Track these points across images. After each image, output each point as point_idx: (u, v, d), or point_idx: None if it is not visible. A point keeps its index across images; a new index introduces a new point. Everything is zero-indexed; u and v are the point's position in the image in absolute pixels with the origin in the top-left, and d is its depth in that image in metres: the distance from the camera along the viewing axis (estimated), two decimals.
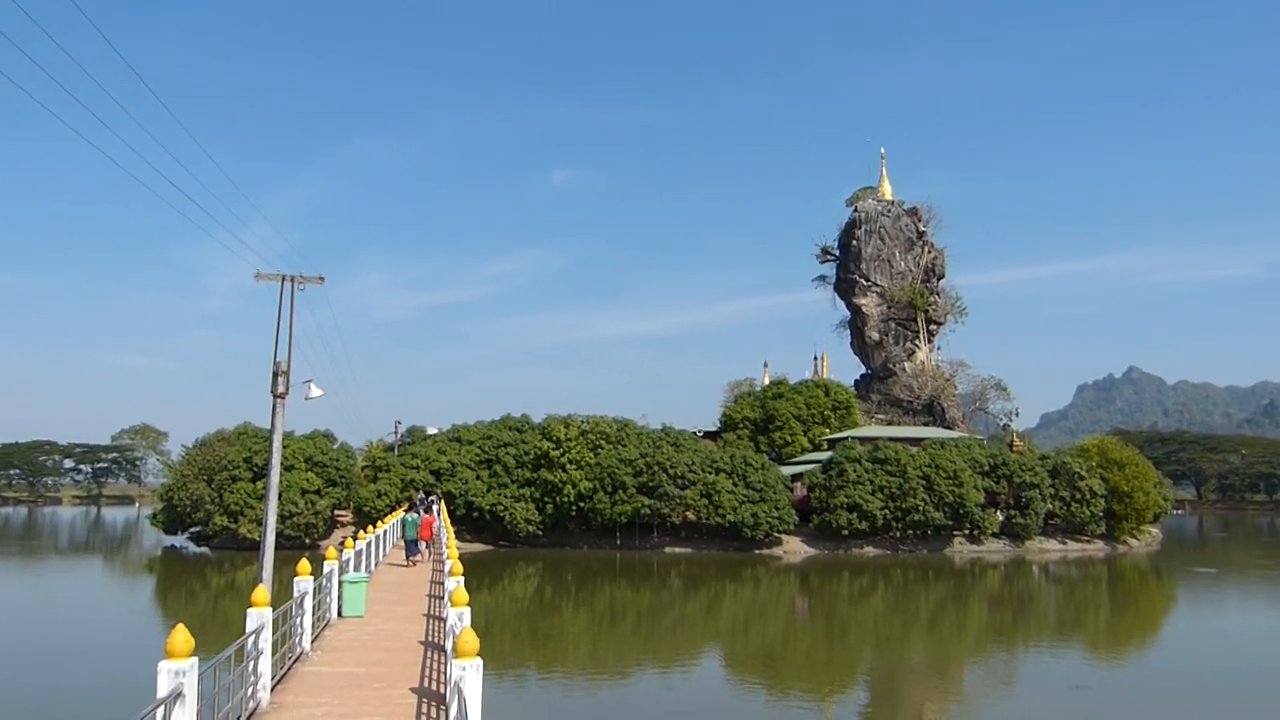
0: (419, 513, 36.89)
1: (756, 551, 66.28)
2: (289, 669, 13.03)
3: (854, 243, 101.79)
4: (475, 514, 69.16)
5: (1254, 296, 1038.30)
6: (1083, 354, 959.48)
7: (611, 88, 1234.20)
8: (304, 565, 14.63)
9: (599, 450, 69.67)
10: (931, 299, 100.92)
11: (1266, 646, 33.93)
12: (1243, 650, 32.86)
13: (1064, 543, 71.33)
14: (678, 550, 67.24)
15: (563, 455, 68.67)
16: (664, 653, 31.21)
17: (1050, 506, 70.33)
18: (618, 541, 68.65)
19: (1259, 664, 29.85)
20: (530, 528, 68.49)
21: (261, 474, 63.40)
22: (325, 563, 18.29)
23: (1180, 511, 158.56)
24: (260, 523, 40.70)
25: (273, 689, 11.53)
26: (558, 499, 67.95)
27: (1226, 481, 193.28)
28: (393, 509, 63.74)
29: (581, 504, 67.78)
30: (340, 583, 18.55)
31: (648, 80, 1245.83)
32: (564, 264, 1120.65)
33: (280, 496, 49.14)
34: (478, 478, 70.59)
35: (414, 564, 31.57)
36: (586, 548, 68.65)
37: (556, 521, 69.27)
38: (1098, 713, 22.98)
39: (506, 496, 69.03)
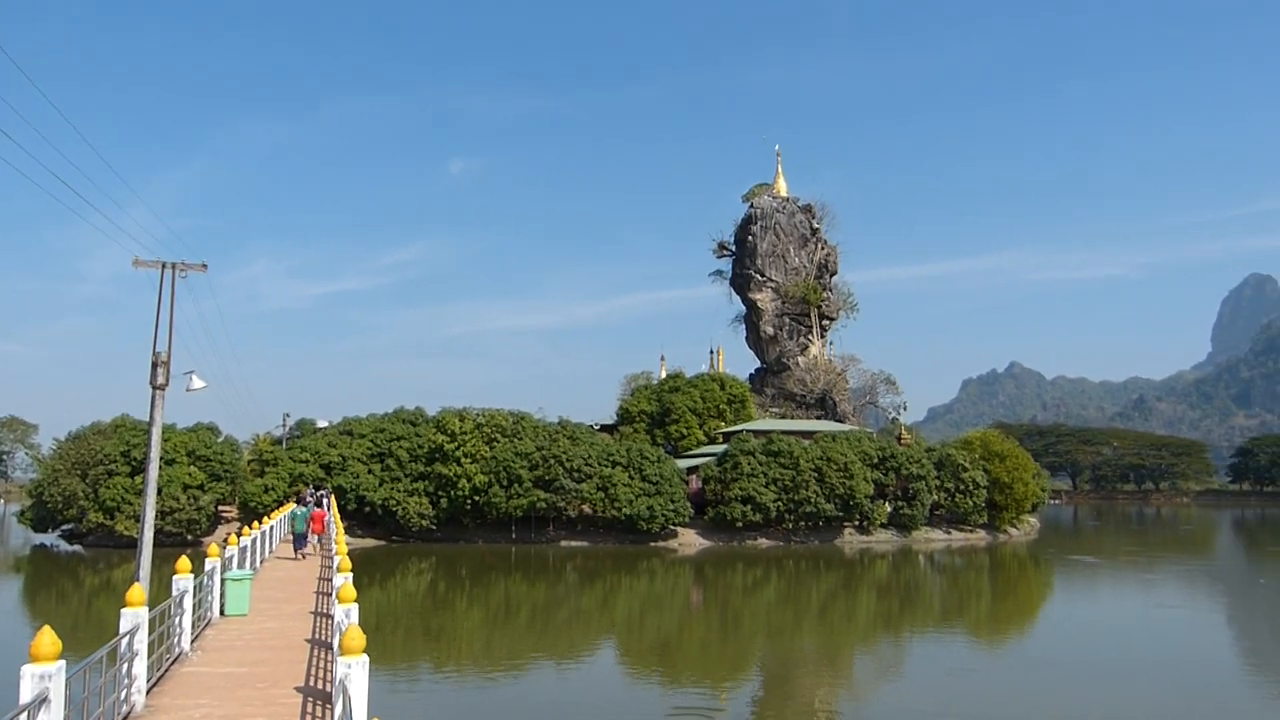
0: (309, 506, 36.00)
1: (652, 544, 66.69)
2: (166, 670, 12.51)
3: (750, 238, 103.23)
4: (367, 509, 67.77)
5: (1127, 296, 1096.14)
6: (968, 350, 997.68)
7: (514, 77, 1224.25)
8: (184, 562, 14.05)
9: (495, 443, 69.04)
10: (824, 295, 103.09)
11: (1135, 632, 35.69)
12: (1114, 635, 34.53)
13: (948, 532, 73.80)
14: (574, 543, 67.16)
15: (458, 449, 67.82)
16: (559, 647, 31.11)
17: (936, 497, 72.64)
18: (513, 535, 68.18)
19: (1129, 649, 31.39)
20: (424, 522, 67.45)
21: (140, 468, 60.77)
22: (207, 560, 17.64)
23: (1057, 501, 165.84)
24: (138, 519, 39.04)
25: (149, 691, 11.05)
26: (452, 493, 67.08)
27: (1099, 472, 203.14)
28: (280, 504, 61.93)
29: (476, 498, 67.08)
30: (223, 580, 17.93)
31: (551, 71, 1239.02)
32: (462, 255, 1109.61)
33: (160, 492, 47.21)
34: (370, 472, 69.16)
35: (303, 557, 30.81)
36: (481, 542, 67.99)
37: (451, 516, 68.39)
38: (977, 697, 23.81)
39: (399, 491, 67.82)
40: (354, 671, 7.82)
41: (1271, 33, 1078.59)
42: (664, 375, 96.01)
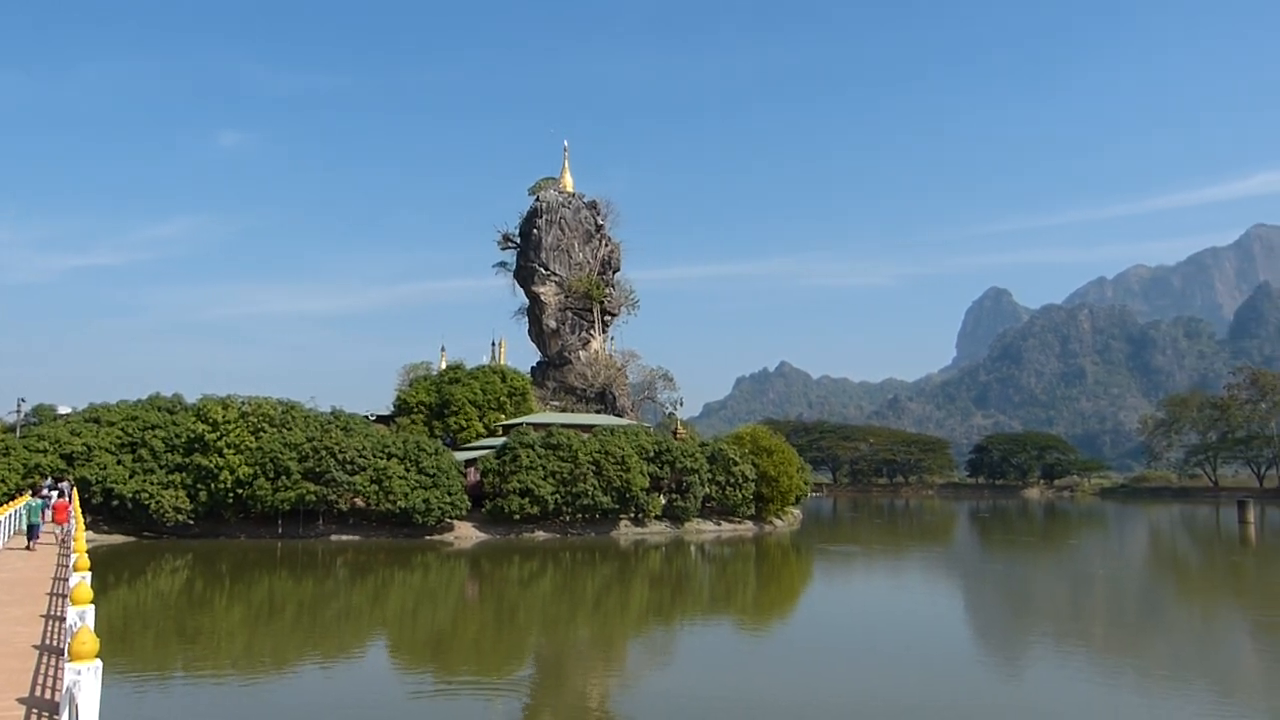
0: (46, 499, 33.31)
1: (427, 537, 65.36)
2: None
3: (535, 232, 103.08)
4: (115, 502, 62.57)
5: (885, 303, 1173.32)
6: (742, 349, 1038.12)
7: (295, 49, 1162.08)
8: None
9: (261, 434, 65.48)
10: (607, 291, 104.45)
11: (884, 616, 38.31)
12: (865, 619, 36.95)
13: (719, 524, 76.60)
14: (345, 538, 64.78)
15: (220, 439, 63.82)
16: (327, 645, 29.89)
17: (708, 490, 75.17)
18: (280, 530, 64.93)
19: (878, 631, 33.65)
20: (180, 517, 63.05)
21: None
22: None
23: (818, 494, 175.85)
24: None
25: None
26: (213, 485, 63.04)
27: (857, 467, 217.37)
28: (13, 497, 56.10)
29: (240, 490, 63.38)
30: None
31: (335, 47, 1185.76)
32: (231, 233, 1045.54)
33: None
34: (119, 462, 63.89)
35: (34, 548, 28.45)
36: (244, 537, 64.34)
37: (211, 510, 64.28)
38: (743, 681, 24.84)
39: (153, 483, 63.03)
40: (84, 678, 7.11)
41: (994, 70, 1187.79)
42: (444, 366, 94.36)
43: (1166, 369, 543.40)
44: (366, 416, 79.64)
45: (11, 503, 42.03)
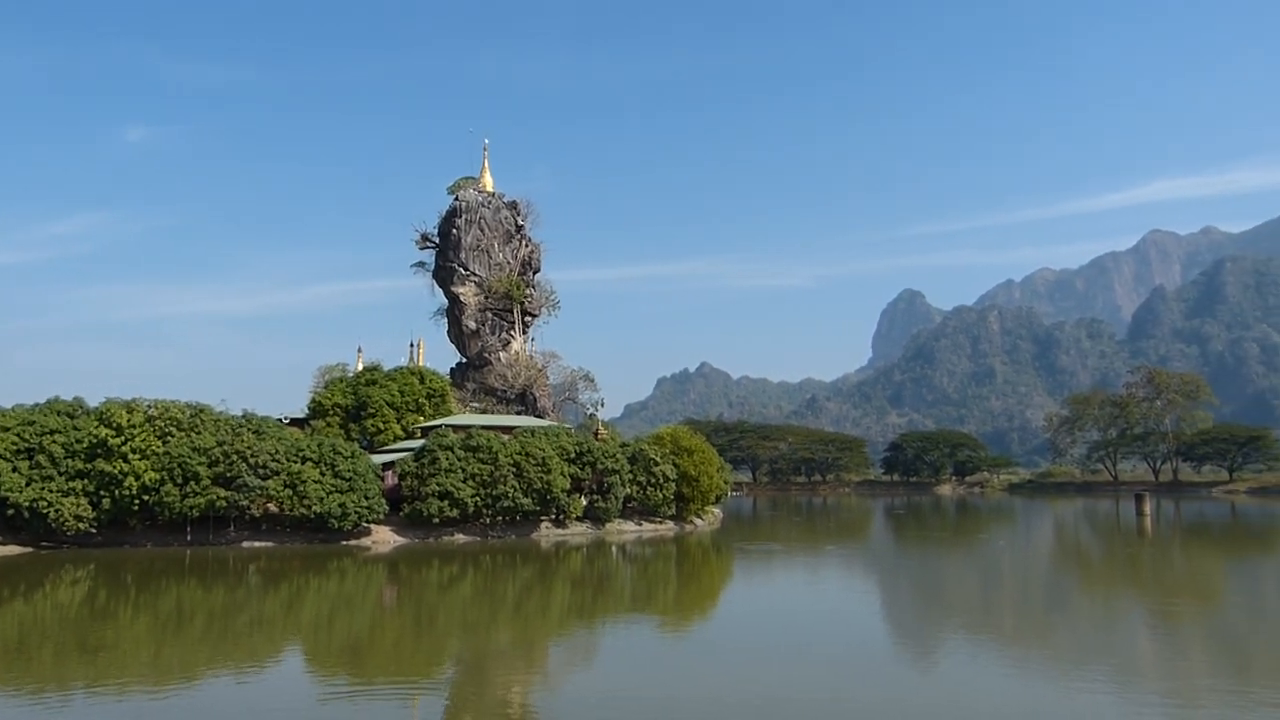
0: None
1: (344, 543, 64.16)
2: None
3: (454, 231, 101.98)
4: (10, 511, 60.00)
5: (803, 304, 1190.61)
6: (663, 350, 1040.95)
7: (204, 42, 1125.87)
8: None
9: (169, 438, 63.49)
10: (527, 291, 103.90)
11: (803, 612, 38.88)
12: (784, 617, 37.44)
13: (640, 524, 76.82)
14: (257, 544, 63.20)
15: (125, 444, 61.68)
16: (239, 654, 29.10)
17: (629, 490, 75.31)
18: (188, 538, 63.06)
19: (797, 628, 34.13)
20: (82, 525, 60.77)
21: None
22: None
23: (739, 493, 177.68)
24: None
25: None
26: (117, 492, 60.89)
27: (776, 465, 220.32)
28: None
29: (146, 497, 61.35)
30: None
31: (246, 39, 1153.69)
32: (137, 231, 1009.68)
33: None
34: (15, 470, 61.20)
35: None
36: (151, 545, 62.32)
37: (115, 517, 62.10)
38: (665, 680, 24.96)
39: (52, 490, 60.57)
40: None
41: (912, 81, 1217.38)
42: (361, 368, 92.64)
43: (1070, 368, 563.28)
44: (280, 420, 77.81)
45: None
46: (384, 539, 66.34)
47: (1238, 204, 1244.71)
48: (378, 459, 70.68)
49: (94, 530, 61.72)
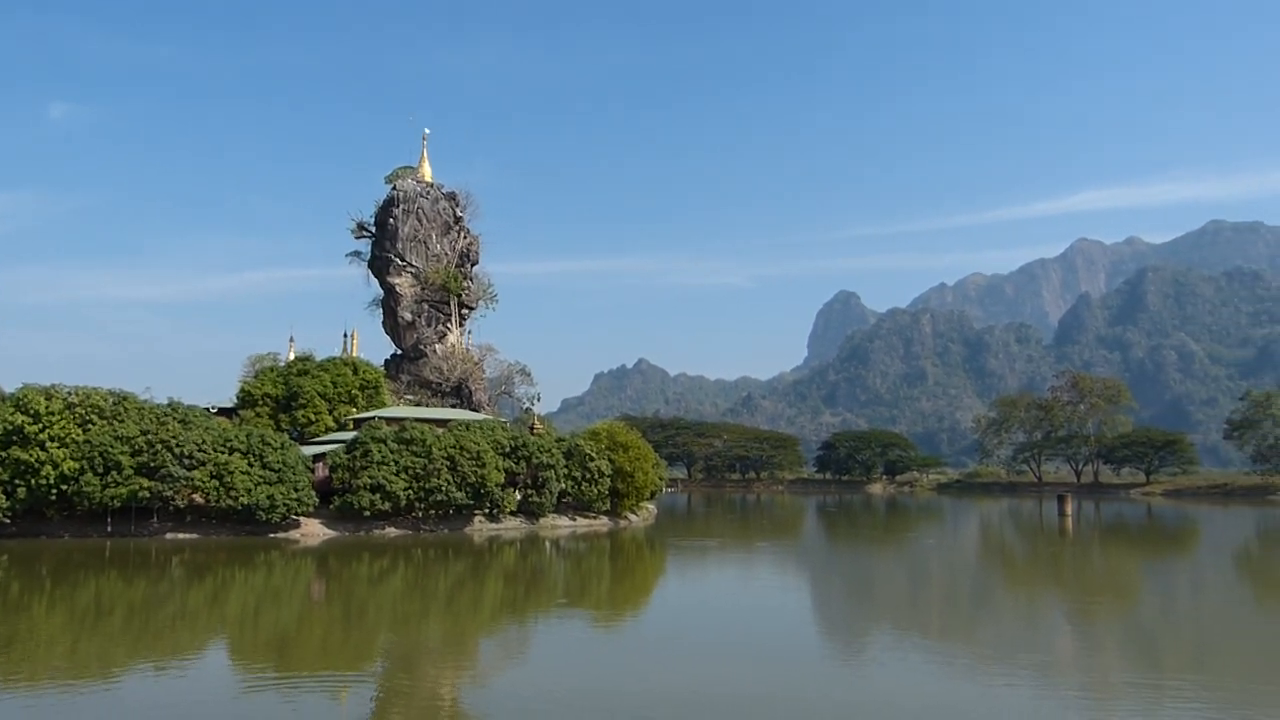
0: None
1: (272, 535, 62.96)
2: None
3: (391, 221, 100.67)
4: None
5: (740, 303, 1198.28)
6: (601, 345, 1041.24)
7: (136, 17, 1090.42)
8: None
9: (89, 426, 61.66)
10: (465, 284, 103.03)
11: (735, 609, 39.18)
12: (716, 613, 37.67)
13: (574, 519, 76.69)
14: (182, 536, 61.70)
15: (42, 431, 59.71)
16: (160, 648, 28.39)
17: (564, 485, 75.10)
18: (109, 529, 61.31)
19: (729, 625, 34.38)
20: None
21: None
22: None
23: (673, 489, 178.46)
24: None
25: None
26: (33, 481, 58.89)
27: (711, 462, 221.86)
28: None
29: (64, 487, 59.45)
30: None
31: (180, 17, 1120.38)
32: (59, 213, 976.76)
33: None
34: None
35: None
36: (69, 536, 60.45)
37: (31, 507, 60.08)
38: (596, 675, 24.96)
39: None
40: None
41: (847, 84, 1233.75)
42: (292, 357, 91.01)
43: (999, 371, 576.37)
44: (207, 409, 76.16)
45: None
46: (313, 532, 65.26)
47: (1161, 215, 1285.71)
48: (308, 450, 69.48)
49: (8, 520, 59.63)
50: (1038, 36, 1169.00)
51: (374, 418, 74.42)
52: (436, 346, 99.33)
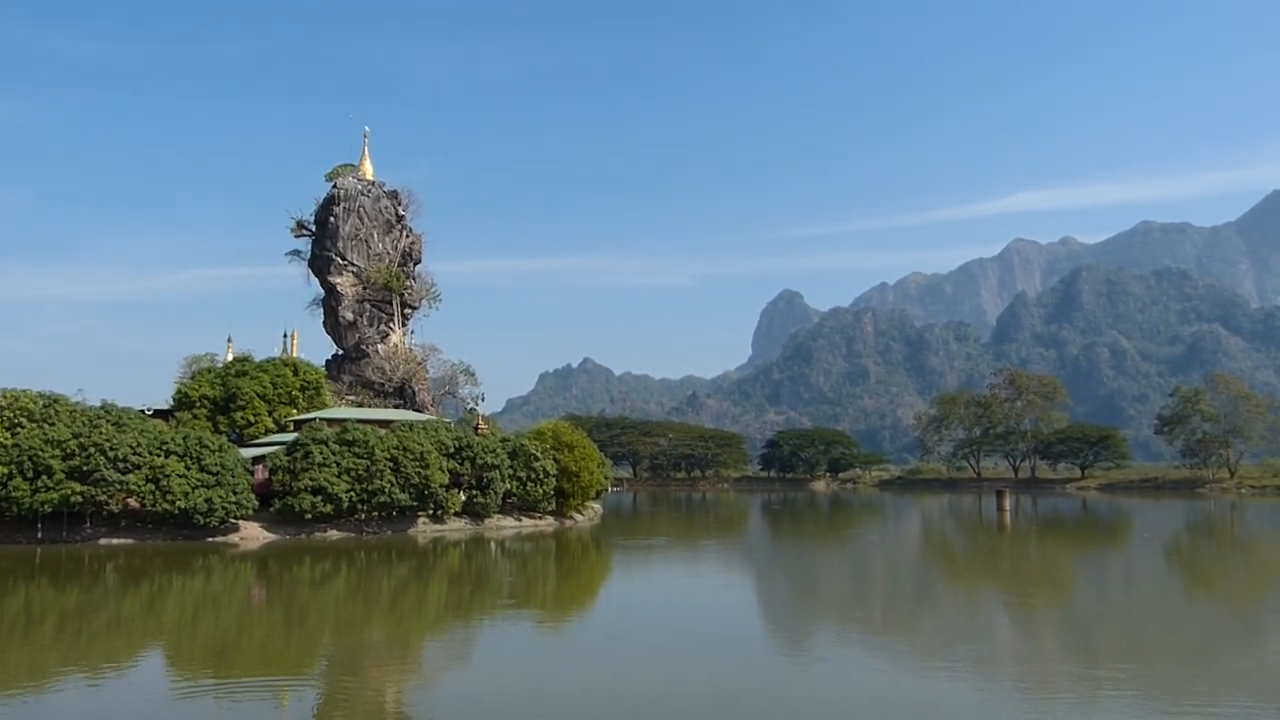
0: None
1: (210, 539, 61.71)
2: None
3: (332, 219, 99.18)
4: None
5: (685, 303, 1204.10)
6: (546, 345, 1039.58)
7: (67, 6, 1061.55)
8: None
9: (18, 429, 59.93)
10: (407, 283, 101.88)
11: (681, 608, 39.30)
12: (663, 612, 37.80)
13: (519, 519, 76.31)
14: (116, 541, 60.21)
15: None
16: (94, 656, 27.67)
17: (509, 486, 74.68)
18: (39, 535, 59.59)
19: (675, 624, 34.49)
20: None
21: None
22: None
23: (619, 488, 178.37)
24: None
25: None
26: None
27: (657, 461, 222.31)
28: None
29: None
30: None
31: (112, 8, 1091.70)
32: None
33: None
34: None
35: None
36: None
37: None
38: (543, 676, 24.86)
39: None
40: None
41: (783, 82, 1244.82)
42: (231, 358, 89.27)
43: (939, 369, 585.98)
44: (143, 411, 74.43)
45: None
46: (253, 535, 64.10)
47: (1094, 216, 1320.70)
48: (247, 453, 68.23)
49: None
50: (976, 39, 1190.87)
51: (315, 419, 73.32)
52: (379, 346, 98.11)
